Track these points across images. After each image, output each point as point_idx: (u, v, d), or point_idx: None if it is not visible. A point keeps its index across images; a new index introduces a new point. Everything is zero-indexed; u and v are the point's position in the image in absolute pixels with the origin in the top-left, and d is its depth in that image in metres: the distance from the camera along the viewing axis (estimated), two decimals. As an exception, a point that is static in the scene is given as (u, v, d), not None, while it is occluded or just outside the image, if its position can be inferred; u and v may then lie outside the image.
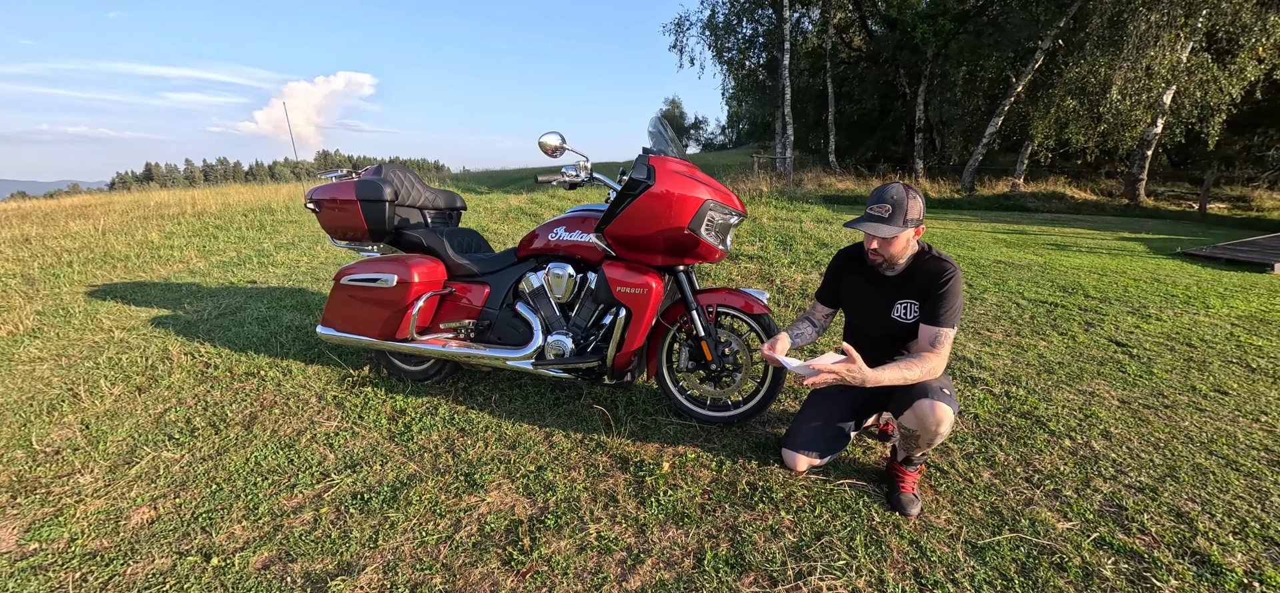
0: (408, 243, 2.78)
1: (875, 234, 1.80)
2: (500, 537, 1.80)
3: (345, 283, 2.66)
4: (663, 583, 1.61)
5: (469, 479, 2.09)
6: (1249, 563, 1.69)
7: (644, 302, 2.26)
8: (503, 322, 2.64)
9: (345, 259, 5.93)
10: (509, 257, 2.71)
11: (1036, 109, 11.74)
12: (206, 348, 3.39)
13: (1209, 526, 1.85)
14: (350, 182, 2.73)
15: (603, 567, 1.67)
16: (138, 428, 2.50)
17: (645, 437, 2.39)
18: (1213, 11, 8.90)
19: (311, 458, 2.24)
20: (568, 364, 2.43)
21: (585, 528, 1.83)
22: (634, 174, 2.17)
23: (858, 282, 2.03)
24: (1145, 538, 1.80)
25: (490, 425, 2.49)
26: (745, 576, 1.64)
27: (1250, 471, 2.18)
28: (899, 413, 1.84)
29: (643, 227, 2.22)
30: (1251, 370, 3.20)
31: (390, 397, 2.74)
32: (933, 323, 1.81)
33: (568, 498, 1.99)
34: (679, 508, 1.93)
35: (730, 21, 17.30)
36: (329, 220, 2.79)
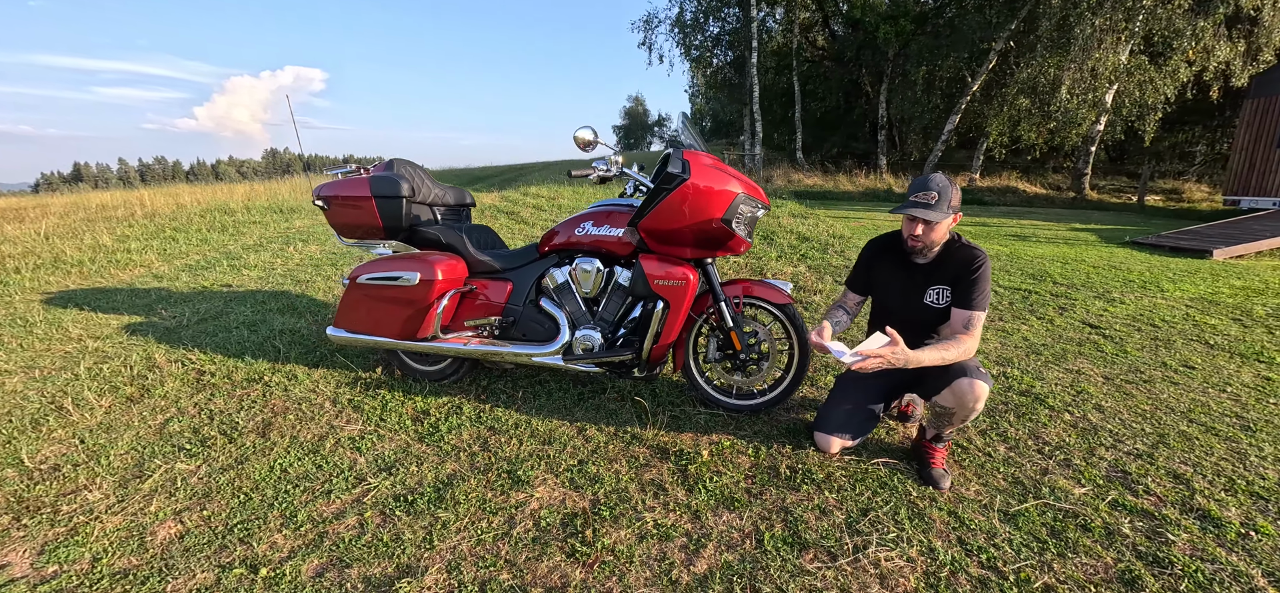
0: (424, 240, 2.72)
1: (923, 218, 1.88)
2: (558, 531, 1.80)
3: (362, 282, 2.58)
4: (729, 565, 1.65)
5: (512, 476, 2.08)
6: (1243, 516, 1.87)
7: (682, 294, 2.30)
8: (528, 318, 2.62)
9: (326, 259, 5.71)
10: (530, 252, 2.70)
11: (991, 107, 12.39)
12: (196, 354, 3.21)
13: (1203, 485, 2.03)
14: (363, 178, 2.64)
15: (667, 553, 1.70)
16: (140, 440, 2.36)
17: (678, 427, 2.43)
18: (1149, 17, 9.62)
19: (341, 462, 2.18)
20: (600, 358, 2.44)
21: (641, 517, 1.86)
22: (670, 168, 2.20)
23: (891, 269, 2.12)
24: (1151, 498, 1.97)
25: (520, 422, 2.47)
26: (805, 553, 1.70)
27: (1227, 435, 2.40)
28: (936, 393, 1.95)
29: (678, 220, 2.26)
30: (1210, 347, 3.50)
31: (409, 398, 2.68)
32: (966, 307, 1.92)
33: (616, 489, 2.00)
34: (727, 493, 1.98)
35: (698, 19, 17.47)
36: (339, 217, 2.69)
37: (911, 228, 1.97)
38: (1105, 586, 1.59)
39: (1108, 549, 1.73)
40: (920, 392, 2.14)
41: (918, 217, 1.90)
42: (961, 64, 12.85)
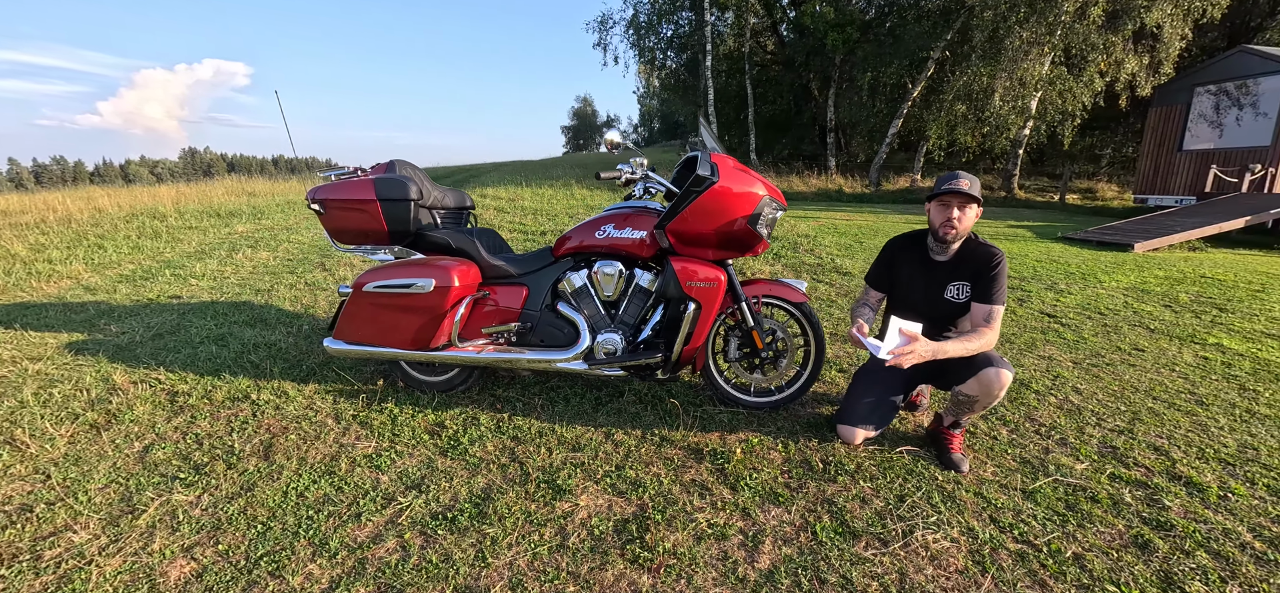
0: (431, 244, 2.60)
1: (966, 201, 1.99)
2: (614, 538, 1.78)
3: (370, 290, 2.43)
4: (789, 558, 1.69)
5: (551, 486, 2.03)
6: (1218, 480, 2.10)
7: (714, 295, 2.32)
8: (546, 323, 2.56)
9: (283, 266, 5.35)
10: (545, 256, 2.64)
11: (930, 113, 13.21)
12: (163, 374, 2.93)
13: (1180, 455, 2.27)
14: (365, 179, 2.50)
15: (727, 552, 1.72)
16: (120, 472, 2.13)
17: (703, 427, 2.45)
18: (1067, 32, 10.58)
19: (362, 483, 2.05)
20: (627, 362, 2.42)
21: (693, 518, 1.86)
22: (699, 171, 2.22)
23: (912, 266, 2.23)
24: (1141, 469, 2.17)
25: (543, 430, 2.41)
26: (857, 541, 1.76)
27: (1186, 410, 2.68)
28: (960, 382, 2.07)
29: (707, 222, 2.28)
30: (1151, 331, 3.89)
31: (419, 411, 2.56)
32: (987, 301, 2.05)
33: (660, 493, 2.00)
34: (768, 489, 2.02)
35: (652, 21, 17.60)
36: (337, 222, 2.53)
37: (945, 214, 2.07)
38: (1124, 550, 1.74)
39: (1118, 518, 1.89)
40: (941, 382, 2.26)
41: (965, 199, 1.99)
42: (903, 71, 13.62)
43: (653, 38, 18.50)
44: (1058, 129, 12.03)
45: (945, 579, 1.62)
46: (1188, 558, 1.71)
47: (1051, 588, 1.60)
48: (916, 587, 1.59)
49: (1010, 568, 1.66)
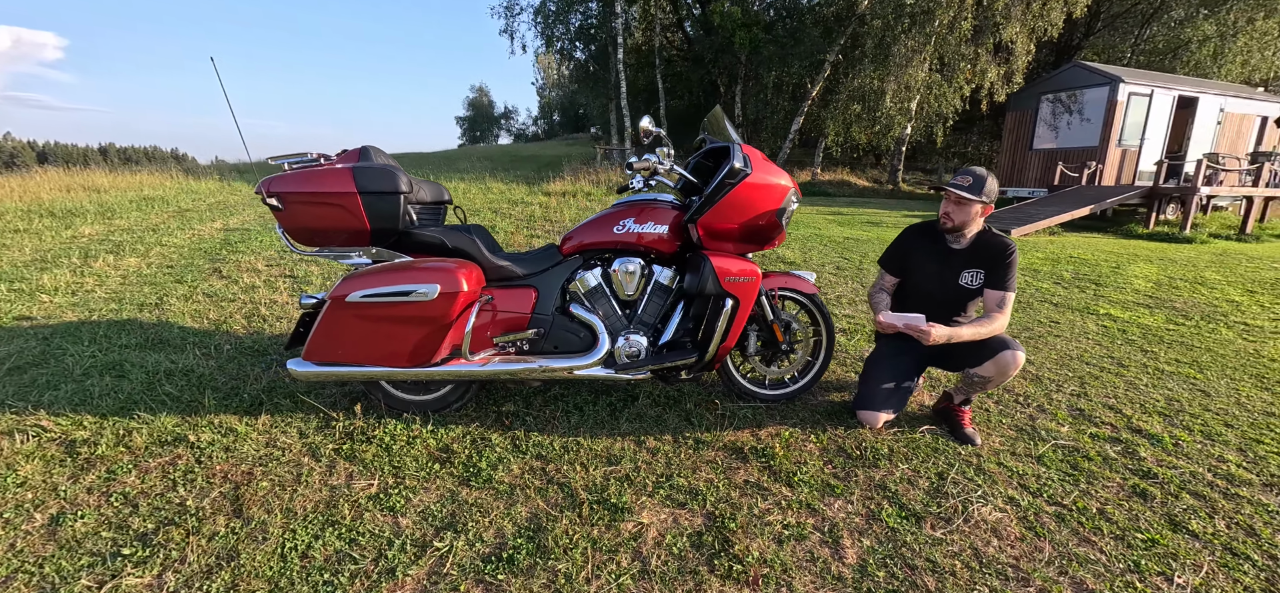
0: (421, 245, 2.26)
1: (964, 203, 2.12)
2: (696, 555, 1.66)
3: (356, 301, 2.05)
4: (872, 549, 1.69)
5: (607, 506, 1.85)
6: (1166, 430, 2.45)
7: (752, 290, 2.26)
8: (559, 327, 2.35)
9: (166, 274, 4.44)
10: (551, 254, 2.42)
11: (828, 111, 14.29)
12: (47, 419, 2.27)
13: (1131, 411, 2.62)
14: (340, 168, 2.09)
15: (813, 552, 1.68)
16: (28, 558, 1.60)
17: (731, 425, 2.40)
18: (940, 42, 11.99)
19: (379, 530, 1.73)
20: (664, 363, 2.29)
21: (766, 522, 1.80)
22: (733, 163, 2.15)
23: (928, 253, 2.34)
24: (1108, 427, 2.48)
25: (567, 445, 2.21)
26: (924, 522, 1.81)
27: (1115, 371, 3.11)
28: (975, 364, 2.21)
29: (737, 216, 2.22)
30: (1056, 306, 4.49)
31: (415, 436, 2.23)
32: (1000, 288, 2.21)
33: (723, 499, 1.91)
34: (821, 481, 2.02)
35: (561, 10, 17.17)
36: (301, 219, 2.10)
37: (944, 208, 2.20)
38: (1129, 500, 1.96)
39: (1113, 472, 2.13)
40: (950, 365, 2.40)
41: (955, 194, 2.14)
42: (804, 71, 14.58)
43: (561, 27, 18.06)
44: (933, 128, 13.60)
45: (1013, 549, 1.71)
46: (1176, 500, 1.97)
47: (1096, 543, 1.75)
48: (993, 560, 1.66)
49: (1057, 530, 1.80)
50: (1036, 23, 11.92)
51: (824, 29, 14.66)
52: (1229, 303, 4.71)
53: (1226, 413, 2.63)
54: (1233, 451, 2.30)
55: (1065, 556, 1.69)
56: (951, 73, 12.28)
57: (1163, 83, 10.94)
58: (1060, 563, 1.66)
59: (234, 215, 7.36)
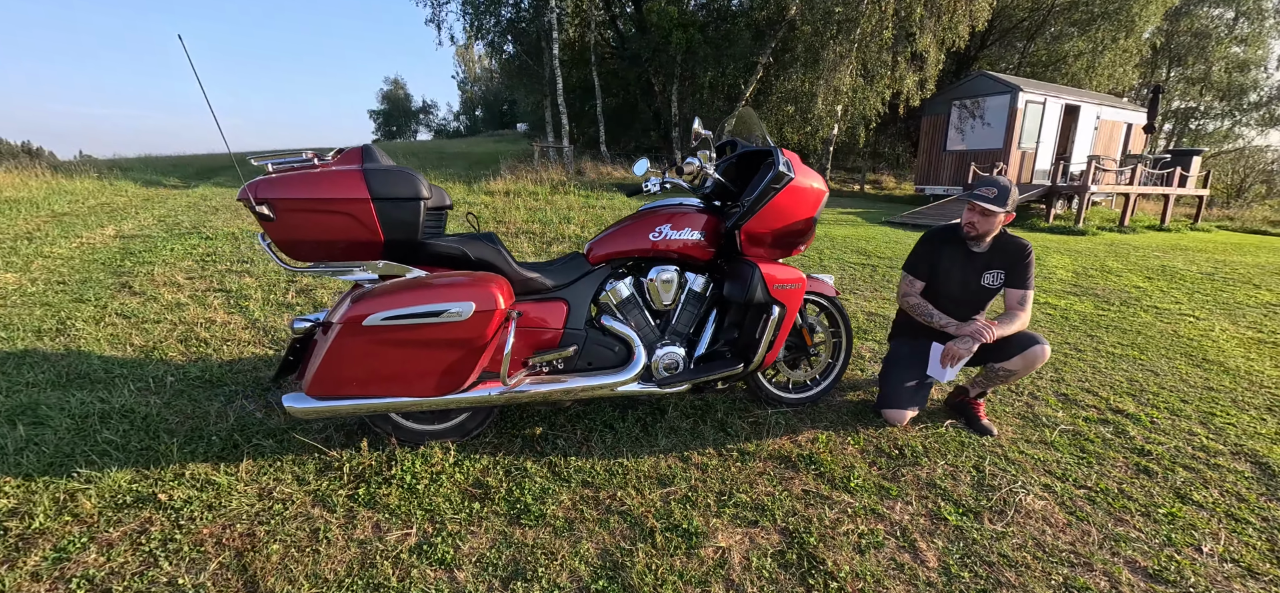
0: (439, 257, 2.02)
1: (988, 214, 2.22)
2: (788, 576, 1.60)
3: (375, 324, 1.78)
4: (949, 551, 1.71)
5: (678, 532, 1.75)
6: (1140, 409, 2.72)
7: (798, 296, 2.23)
8: (593, 342, 2.19)
9: (61, 292, 3.72)
10: (578, 263, 2.25)
11: (762, 113, 14.77)
12: (-52, 490, 1.80)
13: (1107, 394, 2.88)
14: (349, 171, 1.81)
15: (895, 558, 1.67)
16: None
17: (768, 433, 2.36)
18: (863, 49, 12.79)
19: (435, 588, 1.51)
20: (712, 375, 2.21)
21: (840, 533, 1.77)
22: (779, 167, 2.10)
23: (952, 256, 2.43)
24: (1093, 410, 2.71)
25: (612, 468, 2.07)
26: (982, 517, 1.87)
27: (1077, 357, 3.42)
28: (1006, 358, 2.32)
29: (780, 220, 2.19)
30: (1003, 294, 4.87)
31: (435, 473, 1.99)
32: (1021, 287, 2.34)
33: (789, 512, 1.86)
34: (874, 484, 2.03)
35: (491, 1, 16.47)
36: (298, 230, 1.79)
37: (970, 216, 2.30)
38: (1137, 478, 2.14)
39: (1115, 452, 2.32)
40: (990, 358, 2.48)
41: (981, 205, 2.24)
42: (737, 73, 14.98)
43: (491, 19, 17.32)
44: (857, 130, 14.50)
45: (1065, 535, 1.80)
46: (1174, 474, 2.18)
47: (1129, 522, 1.88)
48: (1055, 549, 1.74)
49: (1093, 513, 1.92)
50: (946, 34, 13.05)
51: (755, 32, 15.13)
52: (1136, 289, 5.36)
53: (1178, 390, 2.97)
54: (1197, 424, 2.58)
55: (1109, 536, 1.81)
56: (874, 78, 13.14)
57: (1053, 92, 12.37)
58: (1109, 544, 1.77)
59: (127, 219, 6.39)
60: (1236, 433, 2.49)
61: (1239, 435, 2.47)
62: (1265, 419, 2.63)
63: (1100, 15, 15.77)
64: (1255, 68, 19.34)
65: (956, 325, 2.34)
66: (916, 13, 12.44)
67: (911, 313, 2.49)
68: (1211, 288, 5.49)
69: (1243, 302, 4.95)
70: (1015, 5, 16.99)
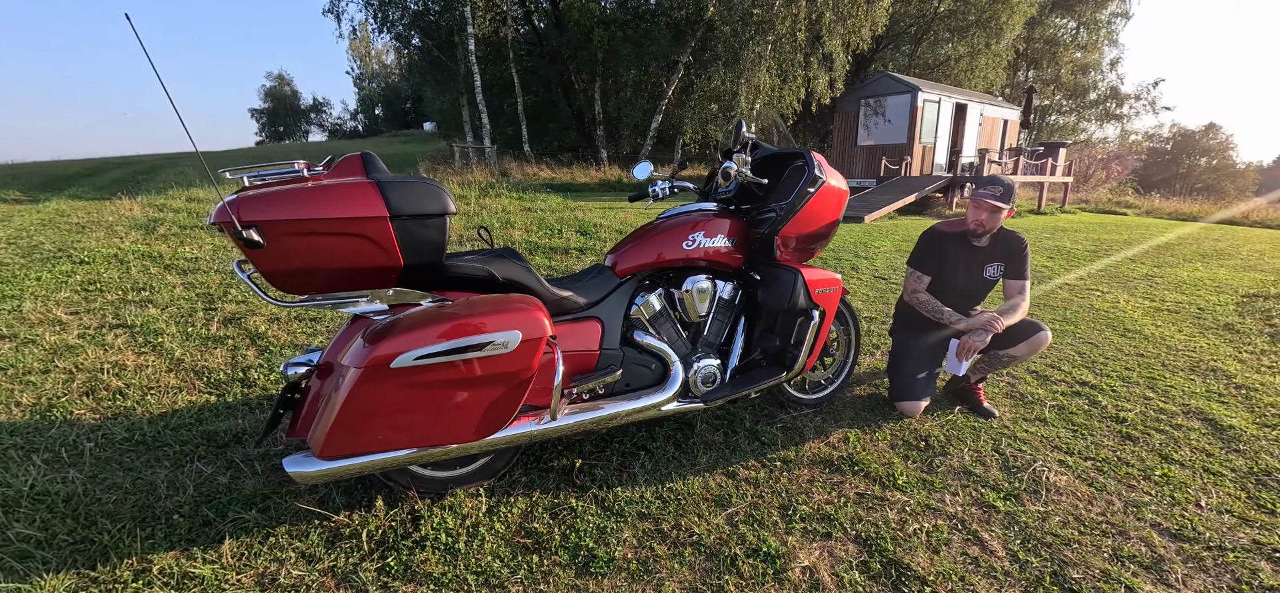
0: (459, 280, 1.77)
1: (995, 210, 2.34)
2: (879, 587, 1.57)
3: (407, 364, 1.50)
4: (1010, 538, 1.78)
5: (759, 556, 1.66)
6: (1099, 379, 3.02)
7: (835, 300, 2.21)
8: (630, 361, 2.04)
9: None
10: (607, 277, 2.08)
11: (685, 110, 15.04)
12: None
13: (1069, 369, 3.18)
14: (361, 184, 1.51)
15: (967, 552, 1.71)
16: None
17: (799, 438, 2.34)
18: (777, 49, 13.41)
19: (519, 665, 1.31)
20: (752, 386, 2.14)
21: (909, 532, 1.78)
22: (813, 171, 2.08)
23: (956, 251, 2.54)
24: (1065, 384, 2.97)
25: (662, 497, 1.95)
26: (1021, 498, 1.96)
27: (1027, 332, 3.74)
28: (1011, 345, 2.46)
29: (813, 223, 2.17)
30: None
31: (472, 527, 1.76)
32: (1019, 278, 2.49)
33: (854, 518, 1.85)
34: (917, 479, 2.07)
35: (398, -9, 15.34)
36: (297, 257, 1.48)
37: (978, 217, 2.42)
38: (1124, 444, 2.36)
39: (1099, 422, 2.55)
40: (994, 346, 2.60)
41: (989, 204, 2.36)
42: (660, 72, 15.11)
43: (397, 11, 16.13)
44: (773, 128, 15.18)
45: (1096, 507, 1.94)
46: (1151, 437, 2.43)
47: (1138, 487, 2.07)
48: (1093, 521, 1.86)
49: (1107, 483, 2.09)
50: (851, 37, 14.01)
51: (675, 32, 15.32)
52: (1044, 268, 6.03)
53: (1119, 359, 3.34)
54: (1147, 389, 2.92)
55: (1129, 503, 1.97)
56: (788, 77, 13.82)
57: (945, 92, 13.70)
58: (1131, 510, 1.93)
59: (-39, 246, 5.17)
60: (1180, 395, 2.84)
61: (1182, 397, 2.82)
62: (1194, 380, 3.03)
63: (974, 22, 17.72)
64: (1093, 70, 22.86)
65: (965, 321, 2.45)
66: (826, 17, 13.23)
67: (919, 308, 2.58)
68: (1101, 265, 6.31)
69: (1128, 274, 5.74)
70: (903, 13, 18.62)
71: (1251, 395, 2.82)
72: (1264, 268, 6.07)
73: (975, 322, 2.42)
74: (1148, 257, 6.81)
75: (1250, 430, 2.46)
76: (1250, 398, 2.79)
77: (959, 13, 17.86)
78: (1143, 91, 24.00)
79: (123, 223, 6.18)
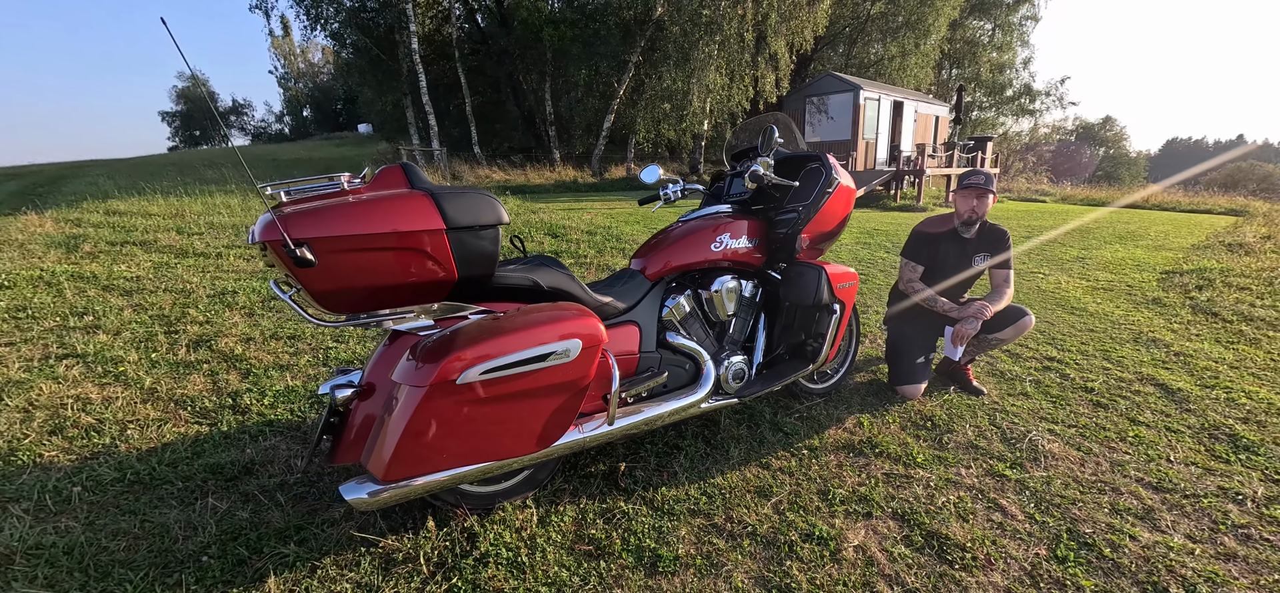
0: (503, 291, 1.74)
1: (984, 194, 2.55)
2: (927, 558, 1.69)
3: (474, 379, 1.47)
4: (1027, 503, 1.95)
5: (815, 540, 1.74)
6: (1059, 353, 3.33)
7: (853, 293, 2.32)
8: (667, 363, 2.08)
9: None
10: (638, 281, 2.11)
11: (638, 109, 15.14)
12: None
13: (1035, 346, 3.48)
14: (414, 196, 1.46)
15: (995, 520, 1.86)
16: None
17: (820, 426, 2.46)
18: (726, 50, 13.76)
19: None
20: (782, 380, 2.23)
21: (938, 507, 1.91)
22: (830, 170, 2.19)
23: (947, 244, 2.73)
24: (1034, 360, 3.25)
25: (708, 493, 2.00)
26: (1025, 466, 2.15)
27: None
28: (1000, 329, 2.68)
29: (830, 221, 2.28)
30: (905, 267, 5.60)
31: (528, 540, 1.74)
32: (1005, 266, 2.71)
33: (888, 497, 1.97)
34: (933, 456, 2.23)
35: (332, -14, 14.54)
36: (349, 275, 1.41)
37: (968, 204, 2.62)
38: (1096, 411, 2.63)
39: (1072, 392, 2.82)
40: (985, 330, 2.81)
41: (978, 193, 2.57)
42: (610, 71, 15.13)
43: (331, 6, 15.28)
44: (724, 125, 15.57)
45: (1088, 469, 2.16)
46: (1117, 403, 2.71)
47: (1118, 448, 2.31)
48: (1089, 482, 2.07)
49: (1093, 445, 2.32)
50: (794, 37, 14.59)
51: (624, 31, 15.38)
52: (989, 253, 6.51)
53: (1074, 334, 3.69)
54: (1105, 360, 3.25)
55: (1114, 463, 2.20)
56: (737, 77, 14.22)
57: (884, 91, 14.52)
58: (1118, 468, 2.16)
59: None
60: (1132, 364, 3.18)
61: (1134, 365, 3.16)
62: (1140, 350, 3.40)
63: (904, 24, 18.85)
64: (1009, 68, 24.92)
65: (957, 309, 2.64)
66: (771, 18, 13.70)
67: (914, 297, 2.76)
68: (1037, 248, 6.91)
69: (1061, 257, 6.31)
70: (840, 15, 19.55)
71: (1189, 361, 3.20)
72: (1172, 247, 6.85)
73: (967, 310, 2.62)
74: (1073, 239, 7.52)
75: (1195, 392, 2.80)
76: (1188, 363, 3.17)
77: (890, 15, 18.94)
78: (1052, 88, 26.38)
79: (36, 241, 5.56)
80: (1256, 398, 2.72)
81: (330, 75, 40.69)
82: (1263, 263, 5.54)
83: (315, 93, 43.53)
